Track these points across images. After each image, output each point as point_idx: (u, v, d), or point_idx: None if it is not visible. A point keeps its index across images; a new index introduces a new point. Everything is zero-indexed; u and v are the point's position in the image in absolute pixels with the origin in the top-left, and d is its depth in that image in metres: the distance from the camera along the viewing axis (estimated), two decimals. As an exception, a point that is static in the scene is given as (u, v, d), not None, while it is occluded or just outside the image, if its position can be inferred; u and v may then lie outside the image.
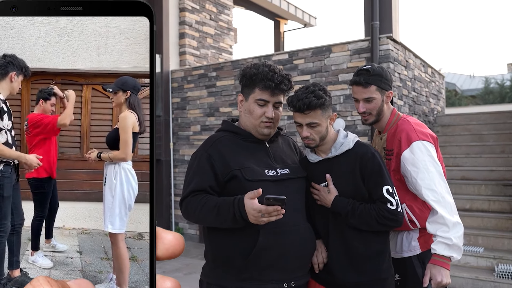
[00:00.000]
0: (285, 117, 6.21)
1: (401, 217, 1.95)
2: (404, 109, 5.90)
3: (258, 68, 1.86)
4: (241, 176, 1.75)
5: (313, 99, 1.88)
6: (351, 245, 1.95)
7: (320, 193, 1.99)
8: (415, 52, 6.43)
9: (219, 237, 1.78)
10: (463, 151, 6.75)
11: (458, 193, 5.95)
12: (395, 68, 5.55)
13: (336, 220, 1.97)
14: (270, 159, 1.88)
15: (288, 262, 1.75)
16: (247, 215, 1.59)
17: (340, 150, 1.99)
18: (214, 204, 1.68)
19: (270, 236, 1.70)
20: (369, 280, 1.94)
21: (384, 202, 1.91)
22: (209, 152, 1.81)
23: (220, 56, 8.77)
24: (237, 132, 1.91)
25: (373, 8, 5.59)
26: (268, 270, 1.72)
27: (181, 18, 8.03)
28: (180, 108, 7.54)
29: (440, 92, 8.26)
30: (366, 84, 2.16)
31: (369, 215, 1.89)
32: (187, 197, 1.77)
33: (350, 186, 1.96)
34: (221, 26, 8.86)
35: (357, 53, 5.65)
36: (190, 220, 1.83)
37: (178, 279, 2.62)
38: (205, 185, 1.75)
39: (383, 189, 1.92)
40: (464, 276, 4.66)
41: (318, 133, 1.96)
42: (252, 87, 1.87)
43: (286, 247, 1.74)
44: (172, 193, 7.49)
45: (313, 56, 6.04)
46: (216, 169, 1.77)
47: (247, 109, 1.89)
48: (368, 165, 1.94)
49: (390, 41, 5.43)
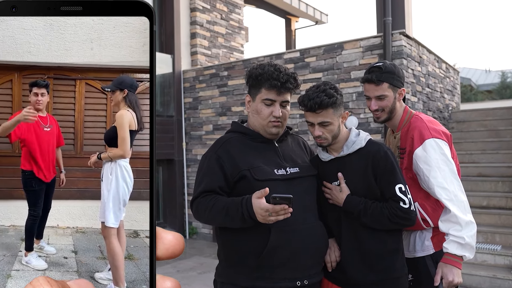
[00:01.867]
0: (297, 115, 6.19)
1: (414, 215, 1.94)
2: (418, 105, 5.82)
3: (264, 68, 1.86)
4: (250, 176, 1.76)
5: (324, 98, 1.88)
6: (364, 243, 1.94)
7: (332, 192, 1.99)
8: (429, 48, 6.34)
9: (231, 237, 1.80)
10: (479, 147, 6.63)
11: (475, 190, 5.86)
12: (408, 64, 5.48)
13: (348, 219, 1.96)
14: (280, 158, 1.88)
15: (300, 260, 1.76)
16: (255, 214, 1.60)
17: (352, 149, 1.98)
18: (223, 205, 1.69)
19: (281, 235, 1.72)
20: (382, 279, 1.93)
21: (397, 201, 1.90)
22: (218, 153, 1.83)
23: (232, 55, 8.76)
24: (246, 133, 1.93)
25: (385, 3, 5.53)
26: (280, 268, 1.73)
27: (192, 18, 8.04)
28: (192, 108, 7.56)
29: (455, 88, 8.14)
30: (378, 81, 2.13)
31: (381, 214, 1.88)
32: (197, 198, 1.80)
33: (362, 185, 1.95)
34: (232, 25, 8.85)
35: (369, 49, 5.59)
36: (200, 221, 1.85)
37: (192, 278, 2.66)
38: (214, 186, 1.78)
39: (396, 187, 1.91)
40: (481, 274, 4.59)
41: (330, 132, 1.95)
42: (258, 87, 1.88)
43: (298, 245, 1.75)
44: (185, 193, 7.51)
45: (324, 53, 5.99)
46: (226, 170, 1.79)
47: (254, 109, 1.90)
48: (381, 163, 1.93)
49: (403, 37, 5.37)
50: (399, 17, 5.75)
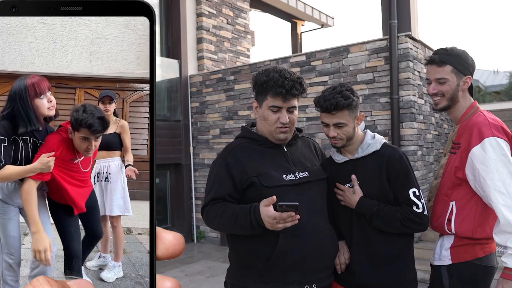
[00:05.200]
0: (303, 118, 6.19)
1: (427, 220, 1.93)
2: (425, 107, 5.81)
3: (269, 74, 1.84)
4: (259, 183, 1.77)
5: (340, 100, 1.89)
6: (375, 246, 1.94)
7: (345, 193, 1.98)
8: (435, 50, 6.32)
9: (241, 241, 1.83)
10: (487, 149, 6.59)
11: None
12: (414, 66, 5.47)
13: (360, 221, 1.96)
14: (289, 163, 1.88)
15: (309, 264, 1.77)
16: (263, 222, 1.62)
17: (367, 151, 1.98)
18: (231, 213, 1.71)
19: (290, 239, 1.72)
20: (392, 282, 1.93)
21: (410, 205, 1.89)
22: (227, 160, 1.84)
23: (238, 59, 8.80)
24: (254, 138, 1.93)
25: (391, 6, 5.53)
26: (290, 272, 1.74)
27: (198, 23, 8.09)
28: (199, 113, 7.60)
29: (462, 90, 8.11)
30: (441, 62, 1.97)
31: (394, 217, 1.88)
32: (207, 205, 1.82)
33: (375, 188, 1.95)
34: (238, 30, 8.89)
35: (375, 52, 5.59)
36: (211, 227, 1.86)
37: (200, 282, 2.68)
38: (223, 194, 1.79)
39: (410, 191, 1.90)
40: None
41: (345, 133, 1.95)
42: (264, 94, 1.87)
43: (307, 249, 1.76)
44: (193, 197, 7.54)
45: (330, 57, 6.00)
46: (234, 177, 1.80)
47: (261, 115, 1.89)
48: (395, 166, 1.93)
49: (409, 39, 5.36)
50: (404, 19, 5.74)
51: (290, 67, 6.36)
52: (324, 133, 5.11)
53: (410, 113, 5.31)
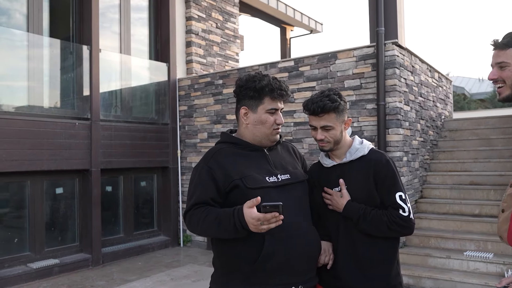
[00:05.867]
0: (291, 123, 6.23)
1: (413, 224, 1.96)
2: (411, 114, 5.89)
3: (262, 79, 1.90)
4: (243, 185, 1.78)
5: (327, 102, 1.94)
6: (360, 250, 1.97)
7: (333, 197, 2.02)
8: (421, 57, 6.42)
9: (226, 244, 1.81)
10: (471, 156, 6.70)
11: (467, 198, 5.91)
12: (401, 73, 5.55)
13: (346, 224, 2.00)
14: (270, 166, 1.91)
15: (295, 265, 1.79)
16: (247, 224, 1.63)
17: (355, 156, 2.03)
18: (215, 216, 1.71)
19: (275, 241, 1.74)
20: (377, 287, 1.96)
21: (396, 208, 1.94)
22: (209, 164, 1.85)
23: (227, 63, 8.82)
24: (236, 143, 1.95)
25: (378, 14, 5.61)
26: (276, 274, 1.76)
27: (187, 27, 8.10)
28: (187, 116, 7.59)
29: (447, 97, 8.23)
30: (503, 45, 1.65)
31: (380, 221, 1.92)
32: (189, 210, 1.81)
33: (363, 192, 1.99)
34: (228, 34, 8.92)
35: (362, 59, 5.66)
36: (194, 232, 1.84)
37: (186, 286, 2.69)
38: (206, 198, 1.79)
39: (396, 195, 1.95)
40: (473, 282, 4.62)
41: (332, 136, 2.00)
42: (260, 98, 1.90)
43: (292, 250, 1.78)
44: (179, 200, 7.52)
45: (318, 62, 6.06)
46: (218, 181, 1.80)
47: (257, 120, 1.91)
48: (382, 171, 1.97)
49: (395, 46, 5.44)
50: (391, 27, 5.83)
51: (278, 72, 6.40)
52: (312, 138, 5.28)
53: (396, 120, 5.38)
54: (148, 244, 7.05)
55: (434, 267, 5.10)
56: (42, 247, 5.86)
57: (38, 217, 5.84)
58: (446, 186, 6.17)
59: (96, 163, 6.30)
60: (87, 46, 6.40)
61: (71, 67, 6.41)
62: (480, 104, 24.24)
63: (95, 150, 6.29)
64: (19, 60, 5.79)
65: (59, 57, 6.30)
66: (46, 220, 5.96)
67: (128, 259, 6.61)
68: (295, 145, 6.14)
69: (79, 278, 5.62)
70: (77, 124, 6.12)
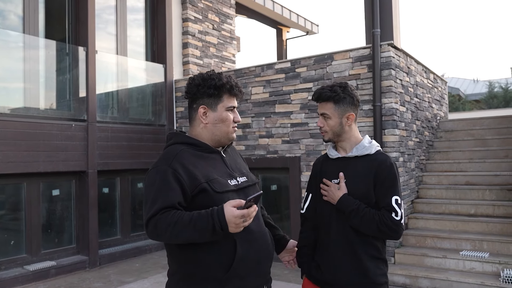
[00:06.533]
0: (288, 124, 6.24)
1: (402, 229, 1.99)
2: (407, 115, 5.92)
3: (221, 78, 1.87)
4: (210, 188, 1.73)
5: (327, 92, 2.10)
6: (351, 246, 2.03)
7: (330, 188, 2.09)
8: (417, 59, 6.46)
9: (196, 252, 1.73)
10: (466, 156, 6.74)
11: (463, 198, 5.95)
12: (396, 74, 5.58)
13: (339, 219, 2.06)
14: (228, 169, 1.91)
15: (262, 266, 1.84)
16: (227, 225, 1.59)
17: (361, 152, 2.10)
18: (189, 220, 1.61)
19: (245, 245, 1.75)
20: (362, 283, 2.01)
21: (390, 211, 1.98)
22: (173, 167, 1.73)
23: (223, 65, 8.83)
24: (195, 144, 1.88)
25: (374, 15, 5.64)
26: (247, 277, 1.77)
27: (184, 28, 8.11)
28: (184, 117, 7.60)
29: (443, 98, 8.28)
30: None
31: (372, 219, 1.96)
32: (155, 215, 1.65)
33: (361, 188, 2.04)
34: (224, 35, 8.93)
35: (358, 60, 5.69)
36: (159, 239, 1.70)
37: (183, 287, 2.50)
38: (174, 202, 1.67)
39: (393, 198, 1.99)
40: (469, 281, 4.65)
41: (330, 127, 2.12)
42: (220, 96, 1.88)
43: (259, 253, 1.82)
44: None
45: (315, 64, 6.08)
46: (184, 184, 1.71)
47: (217, 118, 1.88)
48: (384, 172, 2.02)
49: (391, 48, 5.47)
50: (387, 28, 5.86)
51: (275, 73, 6.42)
52: (308, 139, 5.35)
53: (392, 120, 5.41)
54: (145, 245, 7.04)
55: (430, 267, 5.13)
56: (38, 249, 5.84)
57: (35, 219, 5.82)
58: (442, 186, 6.20)
59: (92, 165, 6.29)
60: (83, 47, 6.40)
61: (67, 69, 6.40)
62: (475, 105, 24.36)
63: (91, 152, 6.28)
64: (14, 61, 5.78)
65: (55, 58, 6.29)
66: (43, 222, 5.95)
67: (125, 260, 6.60)
68: (292, 146, 6.17)
69: (76, 280, 5.61)
70: (73, 126, 6.11)
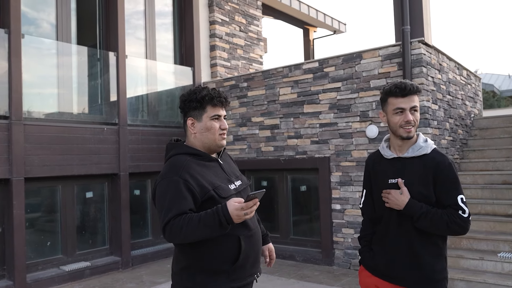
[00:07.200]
0: (317, 125, 6.19)
1: (469, 225, 2.07)
2: (439, 113, 5.77)
3: (202, 91, 2.09)
4: (216, 195, 1.98)
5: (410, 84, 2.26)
6: (411, 245, 2.10)
7: (392, 196, 2.11)
8: (449, 55, 6.29)
9: (206, 251, 1.99)
10: (503, 155, 6.52)
11: (500, 198, 5.75)
12: (428, 72, 5.45)
13: (400, 222, 2.12)
14: (226, 174, 2.16)
15: (257, 258, 2.15)
16: (231, 217, 1.82)
17: (418, 153, 2.13)
18: (198, 220, 1.85)
19: (248, 240, 2.05)
20: (425, 278, 2.08)
21: (457, 209, 2.04)
22: (183, 177, 1.96)
23: (251, 66, 8.85)
24: (197, 154, 2.11)
25: (403, 12, 5.53)
26: (248, 267, 2.08)
27: (211, 31, 8.17)
28: (212, 119, 7.64)
29: (476, 95, 8.04)
30: None
31: (441, 220, 2.02)
32: (169, 221, 1.89)
33: (421, 189, 2.08)
34: (251, 37, 8.95)
35: (388, 58, 5.59)
36: (174, 240, 1.95)
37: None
38: (186, 209, 1.90)
39: (458, 197, 2.05)
40: (509, 284, 4.48)
41: (417, 121, 2.16)
42: (203, 108, 2.09)
43: (257, 246, 2.14)
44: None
45: (343, 63, 6.01)
46: (195, 192, 1.94)
47: (203, 127, 2.11)
48: (444, 172, 2.07)
49: (422, 45, 5.35)
50: (417, 25, 5.73)
51: (303, 74, 6.38)
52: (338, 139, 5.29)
53: (424, 119, 5.29)
54: (176, 246, 7.11)
55: (466, 269, 4.98)
56: (74, 250, 6.00)
57: (70, 221, 5.98)
58: (478, 186, 6.01)
59: (124, 167, 6.41)
60: (113, 52, 6.54)
61: (99, 74, 6.56)
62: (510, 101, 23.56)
63: (123, 155, 6.40)
64: (48, 68, 5.96)
65: (87, 64, 6.45)
66: (77, 224, 6.10)
67: (157, 261, 6.69)
68: (321, 147, 6.11)
69: (110, 281, 5.72)
70: (105, 129, 6.24)
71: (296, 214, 6.89)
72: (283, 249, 6.65)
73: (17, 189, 5.25)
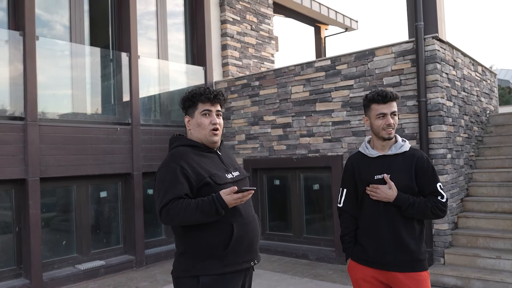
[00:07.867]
0: (329, 123, 6.15)
1: (447, 208, 2.42)
2: (454, 110, 5.69)
3: (194, 90, 2.26)
4: (212, 182, 2.12)
5: (390, 92, 2.50)
6: (399, 231, 2.38)
7: (381, 190, 2.39)
8: (463, 51, 6.20)
9: (200, 235, 2.12)
10: (520, 152, 6.40)
11: (517, 196, 5.65)
12: (442, 68, 5.38)
13: (387, 211, 2.40)
14: (224, 165, 2.29)
15: (253, 245, 2.24)
16: (226, 204, 2.00)
17: (400, 150, 2.48)
18: (195, 205, 2.01)
19: (241, 227, 2.15)
20: (411, 260, 2.37)
21: (436, 195, 2.39)
22: (180, 164, 2.11)
23: (262, 65, 8.83)
24: (195, 145, 2.26)
25: (417, 8, 5.46)
26: (243, 253, 2.17)
27: (222, 30, 8.17)
28: (224, 118, 7.65)
29: (492, 91, 7.91)
30: None
31: (426, 207, 2.35)
32: (166, 204, 2.03)
33: (406, 181, 2.40)
34: (262, 36, 8.94)
35: (401, 55, 5.53)
36: (170, 223, 2.09)
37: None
38: (181, 193, 2.05)
39: (437, 184, 2.42)
40: (526, 283, 4.41)
41: (396, 124, 2.48)
42: (194, 105, 2.25)
43: (251, 234, 2.22)
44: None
45: (356, 60, 5.96)
46: (190, 179, 2.09)
47: (195, 124, 2.26)
48: (424, 165, 2.43)
49: (436, 41, 5.28)
50: (431, 21, 5.66)
51: (315, 72, 6.35)
52: (351, 137, 5.34)
53: (438, 116, 5.22)
54: (189, 245, 7.14)
55: (483, 268, 4.91)
56: (88, 249, 6.06)
57: (84, 220, 6.04)
58: (494, 184, 5.92)
59: (137, 167, 6.45)
60: (126, 53, 6.58)
61: (112, 74, 6.60)
62: (526, 98, 23.14)
63: (136, 154, 6.44)
64: (62, 69, 6.02)
65: (100, 65, 6.50)
66: (92, 223, 6.16)
67: (170, 260, 6.72)
68: (334, 145, 6.08)
69: (124, 279, 5.77)
70: (118, 129, 6.29)
71: (309, 213, 6.86)
72: (296, 248, 6.63)
73: (33, 189, 5.31)
